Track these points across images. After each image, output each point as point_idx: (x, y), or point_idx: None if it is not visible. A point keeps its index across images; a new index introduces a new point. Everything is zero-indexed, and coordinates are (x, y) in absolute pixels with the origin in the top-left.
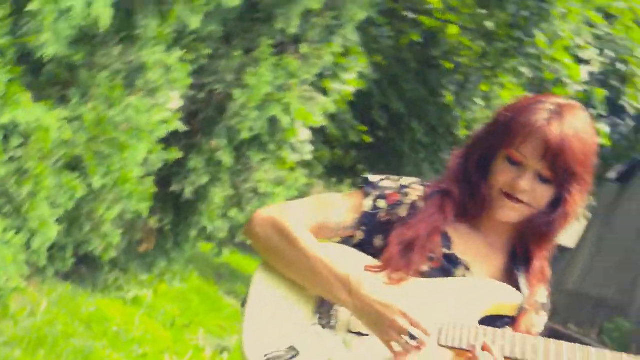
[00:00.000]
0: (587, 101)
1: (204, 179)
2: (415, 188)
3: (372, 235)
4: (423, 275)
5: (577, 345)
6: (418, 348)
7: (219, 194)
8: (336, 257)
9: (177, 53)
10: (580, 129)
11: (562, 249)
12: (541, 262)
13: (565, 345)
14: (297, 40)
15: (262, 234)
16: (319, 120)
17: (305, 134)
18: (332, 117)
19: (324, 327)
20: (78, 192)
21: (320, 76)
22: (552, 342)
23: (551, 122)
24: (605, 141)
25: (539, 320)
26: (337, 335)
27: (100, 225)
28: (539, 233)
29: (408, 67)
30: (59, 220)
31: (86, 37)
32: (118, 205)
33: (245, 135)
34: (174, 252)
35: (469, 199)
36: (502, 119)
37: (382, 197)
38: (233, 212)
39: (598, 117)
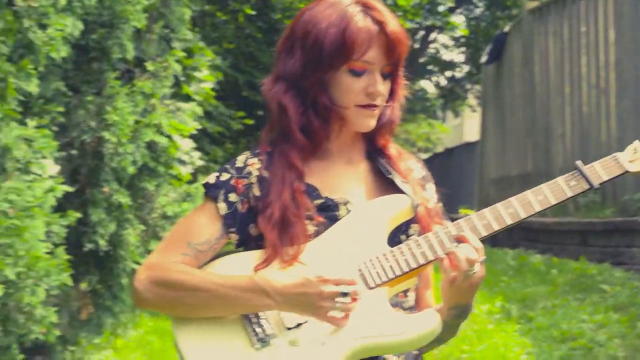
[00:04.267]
0: None
1: (112, 227)
2: (252, 163)
3: (245, 229)
4: (315, 236)
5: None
6: (354, 300)
7: (132, 234)
8: (228, 270)
9: (32, 122)
10: (392, 14)
11: (469, 145)
12: (393, 146)
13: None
14: (140, 61)
15: (153, 297)
16: (194, 126)
17: (187, 144)
18: (209, 117)
19: (264, 342)
20: None
21: (177, 84)
22: (474, 216)
23: (381, 21)
24: (463, 32)
25: (429, 192)
26: (280, 340)
27: (33, 312)
28: (385, 126)
29: (256, 39)
30: None
31: None
32: (41, 286)
33: (131, 170)
34: (115, 305)
35: (309, 133)
36: (322, 39)
37: (229, 191)
38: (153, 244)
39: (449, 11)
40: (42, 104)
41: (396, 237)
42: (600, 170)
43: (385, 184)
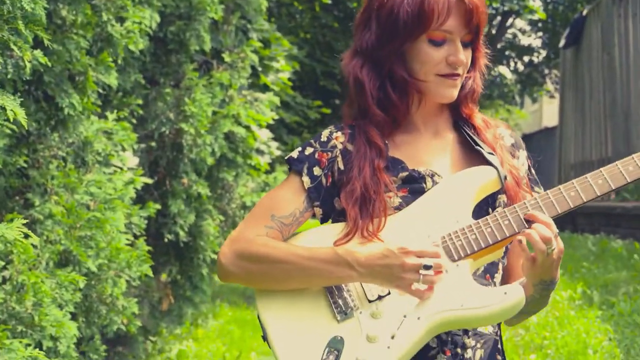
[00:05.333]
0: None
1: (191, 218)
2: (336, 137)
3: (330, 202)
4: (400, 208)
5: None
6: (438, 272)
7: (211, 225)
8: (310, 244)
9: (112, 115)
10: None
11: (548, 130)
12: (479, 116)
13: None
14: (217, 52)
15: (237, 271)
16: (272, 116)
17: (264, 134)
18: (287, 106)
19: (345, 314)
20: (79, 282)
21: (254, 75)
22: (551, 192)
23: None
24: (541, 16)
25: (520, 159)
26: (362, 312)
27: (114, 303)
28: (468, 95)
29: (332, 28)
30: (73, 316)
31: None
32: (122, 277)
33: (210, 161)
34: (196, 295)
35: (387, 106)
36: (397, 9)
37: (313, 164)
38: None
39: None
40: (121, 97)
41: (483, 209)
42: None
43: (473, 155)
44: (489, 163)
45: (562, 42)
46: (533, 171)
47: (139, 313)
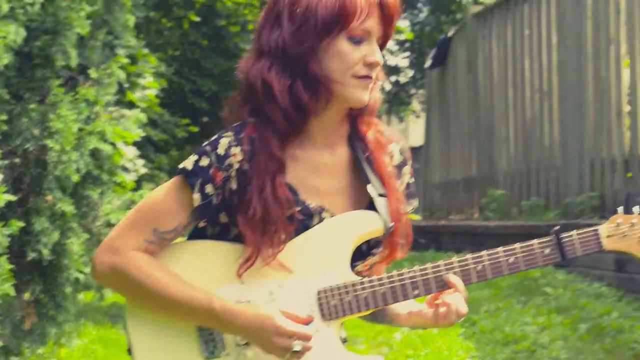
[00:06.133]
0: None
1: (56, 236)
2: (234, 153)
3: (215, 218)
4: (297, 231)
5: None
6: (307, 349)
7: (76, 243)
8: (203, 263)
9: None
10: None
11: (414, 150)
12: (373, 131)
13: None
14: (83, 68)
15: (110, 283)
16: (138, 133)
17: (131, 151)
18: (154, 124)
19: (213, 354)
20: None
21: (121, 92)
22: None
23: None
24: (407, 36)
25: (404, 176)
26: (230, 355)
27: None
28: (370, 107)
29: (201, 46)
30: None
31: None
32: None
33: (75, 178)
34: (59, 314)
35: (297, 108)
36: (315, 4)
37: (207, 181)
38: None
39: None
40: None
41: (359, 248)
42: (577, 244)
43: (364, 184)
44: (376, 208)
45: (428, 63)
46: (413, 185)
47: (0, 332)
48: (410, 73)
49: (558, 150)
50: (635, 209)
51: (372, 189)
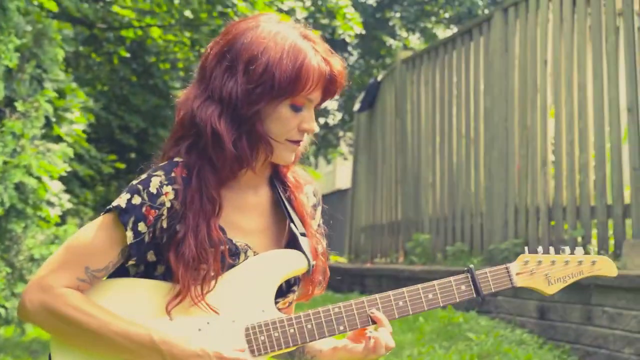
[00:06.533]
0: None
1: None
2: (166, 192)
3: (144, 256)
4: (224, 268)
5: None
6: None
7: None
8: (132, 301)
9: None
10: (332, 52)
11: (341, 192)
12: (292, 172)
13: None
14: (10, 101)
15: (40, 322)
16: (64, 168)
17: (56, 186)
18: (80, 159)
19: None
20: None
21: (48, 125)
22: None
23: (330, 62)
24: None
25: (316, 219)
26: None
27: None
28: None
29: (130, 82)
30: None
31: None
32: None
33: None
34: None
35: (240, 161)
36: (274, 70)
37: (139, 219)
38: (19, 287)
39: None
40: None
41: (280, 285)
42: (491, 281)
43: (284, 223)
44: (300, 245)
45: (357, 106)
46: (322, 226)
47: None
48: (339, 116)
49: (483, 197)
50: (540, 248)
51: (295, 228)
